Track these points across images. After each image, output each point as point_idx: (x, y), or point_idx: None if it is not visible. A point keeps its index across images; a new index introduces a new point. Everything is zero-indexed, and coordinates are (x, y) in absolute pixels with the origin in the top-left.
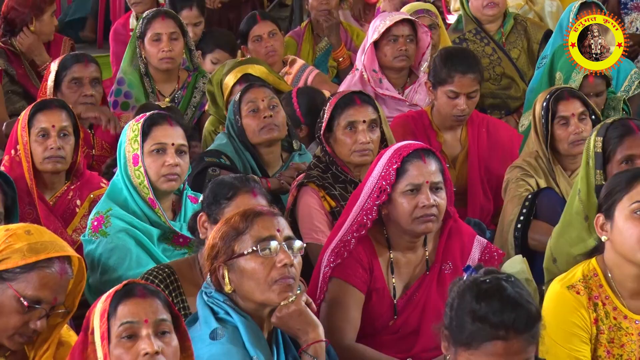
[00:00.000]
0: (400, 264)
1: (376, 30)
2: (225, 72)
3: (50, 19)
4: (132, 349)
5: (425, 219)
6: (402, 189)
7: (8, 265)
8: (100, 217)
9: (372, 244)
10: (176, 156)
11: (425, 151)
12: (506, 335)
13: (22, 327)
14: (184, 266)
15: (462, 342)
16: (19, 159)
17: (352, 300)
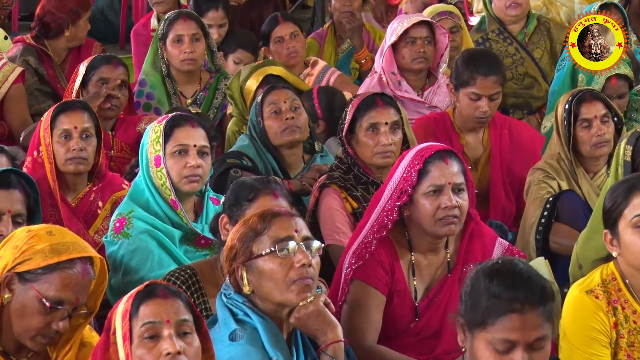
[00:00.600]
0: (422, 266)
1: (394, 32)
2: (245, 77)
3: (85, 24)
4: (154, 349)
5: (447, 220)
6: (424, 190)
7: (30, 266)
8: (122, 218)
9: (394, 246)
10: (198, 157)
11: (447, 152)
12: (521, 308)
13: (44, 328)
14: (206, 267)
15: (478, 322)
16: (41, 160)
17: (373, 302)
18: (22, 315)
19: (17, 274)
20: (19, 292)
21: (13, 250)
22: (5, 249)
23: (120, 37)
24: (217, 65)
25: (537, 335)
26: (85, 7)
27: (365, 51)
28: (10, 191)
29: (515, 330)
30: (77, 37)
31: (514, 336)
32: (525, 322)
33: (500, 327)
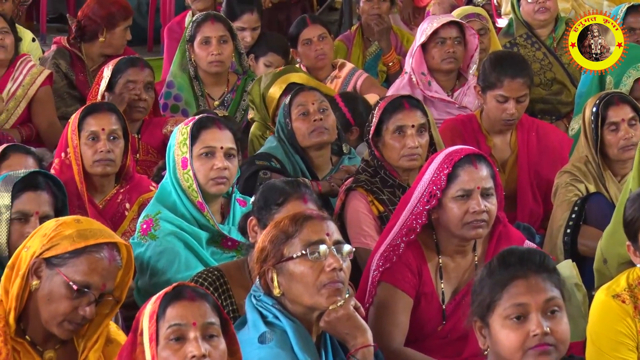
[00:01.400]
0: (449, 269)
1: (424, 33)
2: (267, 84)
3: (123, 33)
4: (180, 351)
5: (475, 224)
6: (452, 194)
7: (58, 251)
8: (149, 220)
9: (422, 249)
10: (225, 159)
11: (476, 156)
12: (524, 274)
13: (71, 313)
14: (233, 269)
15: (487, 305)
16: (69, 162)
17: (400, 305)
18: (49, 300)
19: (45, 260)
20: (47, 277)
21: (41, 239)
22: (33, 239)
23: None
24: (244, 67)
25: (545, 297)
26: (124, 16)
27: (393, 54)
28: (37, 193)
29: (522, 294)
30: (113, 44)
31: (522, 299)
32: (530, 285)
33: (508, 296)
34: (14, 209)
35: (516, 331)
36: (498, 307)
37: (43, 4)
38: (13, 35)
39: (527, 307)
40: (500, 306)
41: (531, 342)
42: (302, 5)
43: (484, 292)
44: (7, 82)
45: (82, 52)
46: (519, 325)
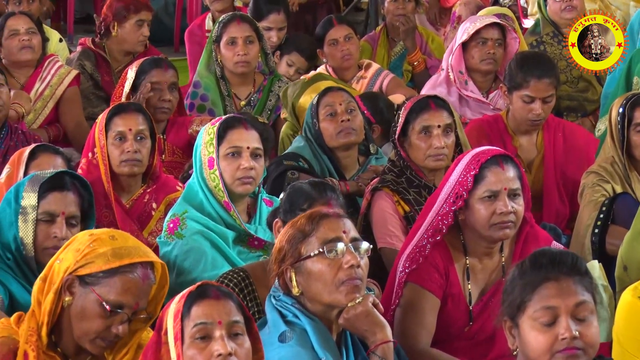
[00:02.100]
0: (477, 270)
1: (466, 31)
2: (296, 94)
3: (134, 27)
4: (206, 350)
5: (502, 225)
6: (479, 195)
7: (92, 269)
8: (176, 219)
9: (449, 250)
10: (251, 159)
11: (503, 157)
12: (555, 276)
13: (104, 331)
14: (259, 270)
15: (518, 305)
16: (96, 162)
17: (427, 305)
18: (82, 318)
19: (78, 277)
20: (80, 295)
21: (75, 254)
22: (66, 252)
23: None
24: (271, 67)
25: (576, 300)
26: (134, 8)
27: (418, 53)
28: (64, 193)
29: (552, 296)
30: (127, 40)
31: (552, 302)
32: (561, 288)
33: (538, 298)
34: (40, 210)
35: (545, 334)
36: (528, 309)
37: (70, 5)
38: (40, 36)
39: (557, 310)
40: (530, 307)
41: (559, 345)
42: (328, 6)
43: (515, 293)
44: (35, 82)
45: (106, 52)
46: (548, 327)
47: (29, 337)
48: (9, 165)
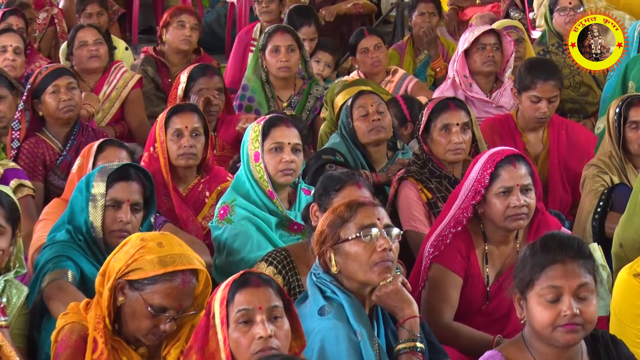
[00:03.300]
0: (494, 255)
1: (466, 40)
2: (336, 92)
3: (176, 31)
4: (248, 333)
5: (516, 217)
6: (495, 191)
7: (139, 275)
8: (226, 206)
9: (470, 237)
10: (292, 154)
11: (516, 157)
12: (562, 259)
13: (152, 328)
14: (299, 249)
15: (527, 282)
16: (156, 155)
17: (451, 283)
18: (133, 317)
19: (128, 282)
20: (130, 297)
21: (125, 256)
22: (120, 253)
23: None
24: (309, 72)
25: (579, 282)
26: (175, 13)
27: (440, 60)
28: (129, 183)
29: (558, 277)
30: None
31: (558, 282)
32: (567, 270)
33: (545, 277)
34: (108, 197)
35: (549, 309)
36: (536, 286)
37: (135, 17)
38: (107, 45)
39: (561, 290)
40: (537, 285)
41: (561, 320)
42: (361, 18)
43: (525, 270)
44: (103, 85)
45: (165, 58)
46: (552, 304)
47: (96, 324)
48: (80, 158)
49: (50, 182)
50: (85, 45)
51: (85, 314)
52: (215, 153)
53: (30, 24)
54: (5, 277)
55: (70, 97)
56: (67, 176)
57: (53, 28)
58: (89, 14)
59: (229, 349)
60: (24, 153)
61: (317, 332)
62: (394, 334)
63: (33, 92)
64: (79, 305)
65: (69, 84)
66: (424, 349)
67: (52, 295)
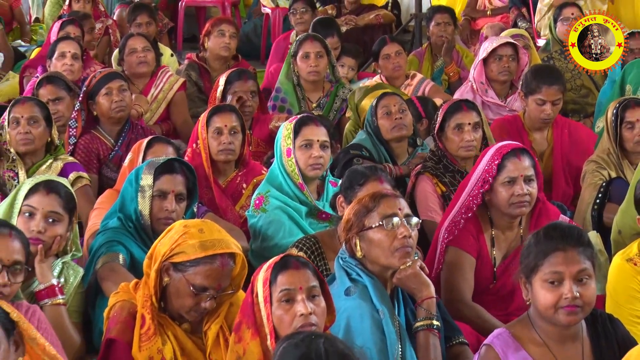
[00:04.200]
0: (500, 240)
1: (485, 50)
2: (360, 98)
3: (217, 37)
4: (290, 310)
5: (519, 204)
6: (501, 181)
7: (182, 258)
8: (261, 197)
9: (479, 222)
10: (320, 150)
11: (520, 150)
12: (563, 247)
13: (195, 306)
14: (326, 236)
15: (532, 268)
16: (198, 151)
17: (467, 263)
18: (177, 296)
19: (172, 264)
20: (174, 278)
21: (170, 241)
22: (165, 238)
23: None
24: (337, 77)
25: (579, 268)
26: (215, 23)
27: (454, 66)
28: (174, 175)
29: (560, 264)
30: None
31: (559, 268)
32: (567, 257)
33: (548, 263)
34: (155, 188)
35: (552, 293)
36: (540, 271)
37: (179, 27)
38: (154, 52)
39: (563, 275)
40: (541, 271)
41: (563, 302)
42: (383, 28)
43: (530, 257)
44: (151, 88)
45: (207, 64)
46: (554, 288)
47: (144, 302)
48: (131, 153)
49: (103, 174)
50: (135, 52)
51: (134, 293)
52: (251, 149)
53: (89, 33)
54: (63, 259)
55: (121, 99)
56: (118, 169)
57: (107, 37)
58: (138, 23)
59: (272, 325)
60: (80, 148)
61: (343, 310)
62: (413, 312)
63: (88, 93)
64: (128, 285)
65: (120, 86)
66: (440, 327)
67: (105, 276)
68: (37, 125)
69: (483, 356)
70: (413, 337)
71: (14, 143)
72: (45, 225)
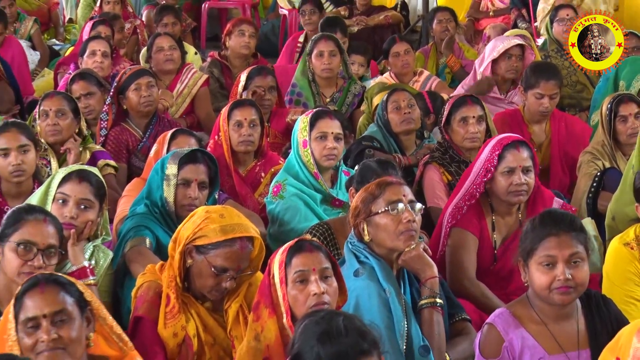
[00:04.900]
0: (500, 224)
1: (496, 49)
2: (375, 92)
3: (237, 37)
4: (304, 290)
5: (517, 193)
6: (501, 170)
7: (204, 242)
8: (278, 185)
9: (482, 208)
10: (334, 141)
11: (520, 142)
12: (556, 232)
13: (216, 286)
14: (338, 223)
15: (528, 251)
16: (220, 142)
17: (471, 243)
18: (199, 276)
19: (195, 247)
20: (197, 260)
21: (193, 226)
22: (188, 223)
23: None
24: (349, 73)
25: (570, 252)
26: (236, 23)
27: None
28: (197, 165)
29: (553, 248)
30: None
31: (553, 252)
32: (560, 242)
33: (542, 248)
34: (179, 177)
35: (546, 275)
36: (535, 255)
37: (203, 27)
38: (180, 51)
39: (555, 258)
40: (536, 254)
41: (556, 284)
42: (392, 28)
43: (527, 242)
44: (176, 84)
45: (228, 61)
46: (548, 270)
47: (169, 282)
48: (156, 144)
49: (132, 163)
50: (162, 50)
51: (160, 274)
52: (269, 140)
53: (119, 33)
54: (94, 243)
55: (149, 94)
56: (146, 159)
57: (135, 36)
58: (165, 24)
59: (287, 304)
60: (111, 139)
61: (352, 290)
62: (418, 291)
63: (119, 89)
64: (154, 267)
65: (148, 82)
66: (442, 304)
67: (133, 259)
68: (64, 117)
69: (485, 334)
70: (418, 314)
71: (43, 134)
72: (77, 212)
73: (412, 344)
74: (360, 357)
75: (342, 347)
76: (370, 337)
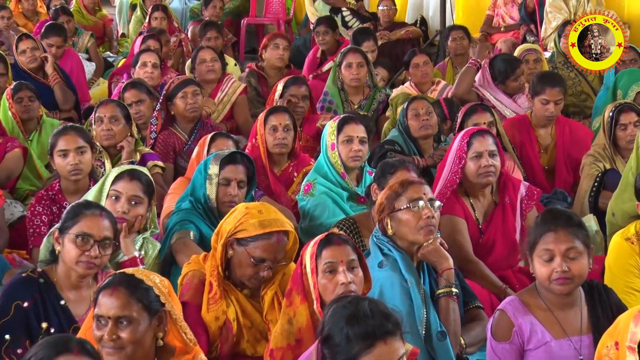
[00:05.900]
0: (478, 205)
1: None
2: (400, 102)
3: (273, 49)
4: (333, 280)
5: (485, 175)
6: (470, 156)
7: (244, 235)
8: (309, 184)
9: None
10: (360, 144)
11: (484, 132)
12: (555, 228)
13: (254, 274)
14: (363, 218)
15: (531, 245)
16: (257, 145)
17: (463, 227)
18: (239, 266)
19: (236, 239)
20: (237, 251)
21: (234, 220)
22: (230, 218)
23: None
24: (375, 82)
25: (567, 246)
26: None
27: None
28: (236, 165)
29: (551, 242)
30: (270, 58)
31: (550, 246)
32: (558, 237)
33: (542, 242)
34: (220, 176)
35: (546, 267)
36: (536, 249)
37: (242, 41)
38: (220, 62)
39: (553, 252)
40: (537, 249)
41: (554, 275)
42: (412, 42)
43: (530, 237)
44: (218, 92)
45: (264, 72)
46: (547, 263)
47: (212, 271)
48: (197, 146)
49: (178, 164)
50: (204, 62)
51: (203, 263)
52: (301, 143)
53: (166, 46)
54: (143, 235)
55: (194, 101)
56: None
57: (181, 49)
58: (208, 38)
59: (317, 292)
60: (159, 142)
61: (376, 280)
62: (436, 281)
63: (167, 96)
64: (198, 257)
65: (194, 91)
66: (458, 293)
67: (179, 250)
68: (117, 123)
69: (497, 319)
70: (436, 302)
71: (98, 138)
72: (128, 207)
73: (430, 330)
74: (385, 337)
75: (369, 328)
76: (394, 319)
